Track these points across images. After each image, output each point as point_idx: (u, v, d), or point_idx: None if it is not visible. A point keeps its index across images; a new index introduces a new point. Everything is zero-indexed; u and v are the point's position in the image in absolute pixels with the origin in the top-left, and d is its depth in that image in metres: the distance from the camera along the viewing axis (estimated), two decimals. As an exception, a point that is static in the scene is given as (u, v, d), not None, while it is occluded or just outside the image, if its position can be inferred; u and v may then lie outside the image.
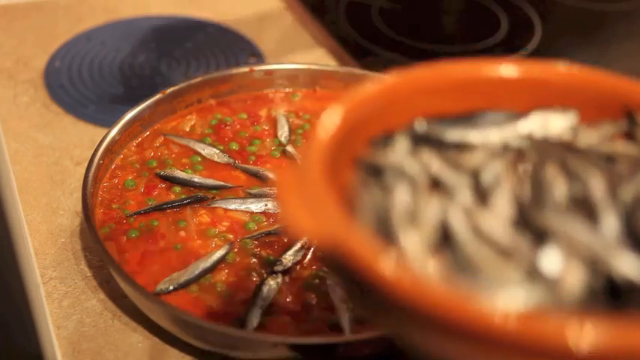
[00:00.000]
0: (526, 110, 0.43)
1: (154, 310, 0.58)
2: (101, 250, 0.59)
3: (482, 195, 0.38)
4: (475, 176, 0.39)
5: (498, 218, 0.36)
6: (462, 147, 0.41)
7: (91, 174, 0.65)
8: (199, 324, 0.55)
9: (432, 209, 0.37)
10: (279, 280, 0.60)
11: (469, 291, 0.33)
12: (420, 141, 0.41)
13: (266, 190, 0.68)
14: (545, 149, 0.41)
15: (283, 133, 0.75)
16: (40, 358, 0.69)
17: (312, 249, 0.63)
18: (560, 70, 0.45)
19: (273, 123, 0.77)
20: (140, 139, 0.73)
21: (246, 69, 0.79)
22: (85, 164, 0.66)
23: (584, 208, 0.37)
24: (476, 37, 1.00)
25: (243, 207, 0.66)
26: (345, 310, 0.57)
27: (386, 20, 1.02)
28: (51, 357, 0.61)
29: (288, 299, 0.59)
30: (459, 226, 0.36)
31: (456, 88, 0.44)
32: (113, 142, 0.69)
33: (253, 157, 0.72)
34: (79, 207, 0.66)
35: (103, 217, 0.65)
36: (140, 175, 0.69)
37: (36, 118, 0.82)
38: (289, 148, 0.73)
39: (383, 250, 0.34)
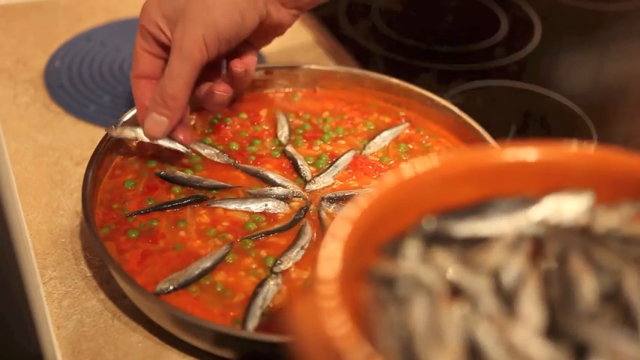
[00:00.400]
0: (539, 195, 0.41)
1: (154, 310, 0.58)
2: (101, 250, 0.59)
3: (506, 298, 0.36)
4: (495, 276, 0.37)
5: (529, 329, 0.35)
6: (476, 242, 0.40)
7: (91, 174, 0.65)
8: (199, 324, 0.55)
9: (456, 325, 0.35)
10: (279, 280, 0.60)
11: None
12: (431, 240, 0.40)
13: (266, 190, 0.68)
14: (564, 238, 0.39)
15: (283, 133, 0.75)
16: (40, 358, 0.69)
17: (312, 249, 0.63)
18: (572, 151, 0.43)
19: (273, 123, 0.77)
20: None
21: (246, 69, 0.79)
22: (85, 164, 0.66)
23: (616, 305, 0.35)
24: (476, 37, 1.00)
25: (243, 207, 0.66)
26: (345, 310, 0.57)
27: (386, 20, 1.02)
28: (51, 357, 0.61)
29: (288, 299, 0.59)
30: (489, 343, 0.34)
31: (462, 179, 0.43)
32: (113, 142, 0.69)
33: (253, 157, 0.72)
34: (79, 207, 0.66)
35: (103, 217, 0.65)
36: (140, 175, 0.69)
37: (36, 118, 0.82)
38: (289, 148, 0.73)
39: None
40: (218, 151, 0.72)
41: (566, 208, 0.41)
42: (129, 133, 0.68)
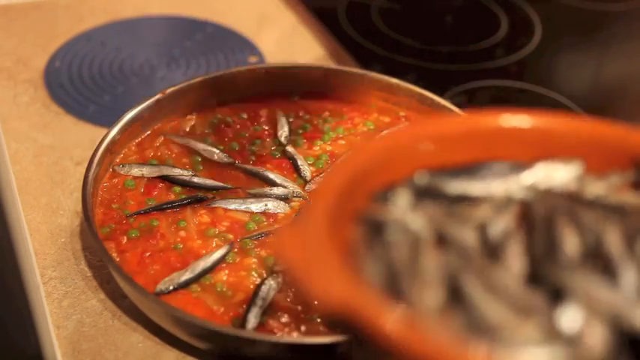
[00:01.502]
0: (530, 161, 0.42)
1: (154, 310, 0.58)
2: (101, 250, 0.59)
3: (490, 250, 0.37)
4: (482, 230, 0.38)
5: (511, 274, 0.36)
6: (465, 200, 0.40)
7: (91, 174, 0.65)
8: (199, 324, 0.55)
9: (438, 266, 0.36)
10: (279, 280, 0.60)
11: (485, 350, 0.32)
12: (422, 194, 0.41)
13: (266, 190, 0.68)
14: (552, 201, 0.40)
15: (283, 133, 0.75)
16: (40, 358, 0.69)
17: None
18: (565, 120, 0.44)
19: (273, 123, 0.77)
20: (140, 139, 0.73)
21: (246, 69, 0.79)
22: (85, 164, 0.66)
23: (598, 262, 0.36)
24: (476, 37, 1.00)
25: (243, 207, 0.66)
26: (345, 310, 0.57)
27: (386, 20, 1.02)
28: (51, 357, 0.61)
29: (288, 299, 0.59)
30: (471, 283, 0.35)
31: (457, 140, 0.43)
32: (113, 142, 0.69)
33: (253, 157, 0.72)
34: (79, 207, 0.66)
35: (103, 217, 0.65)
36: (140, 175, 0.69)
37: (36, 118, 0.82)
38: (289, 148, 0.73)
39: (392, 309, 0.33)
40: (218, 151, 0.72)
41: (556, 175, 0.42)
42: (136, 172, 0.69)
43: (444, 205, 0.40)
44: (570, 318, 0.33)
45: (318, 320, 0.57)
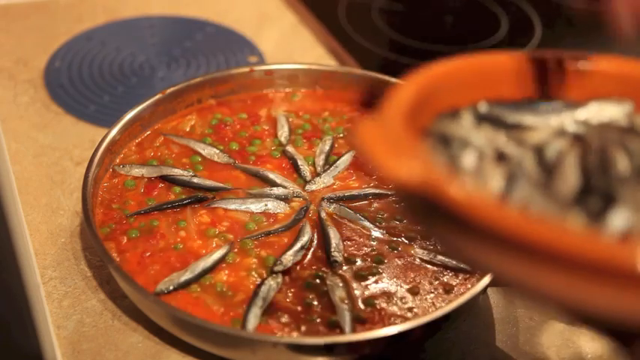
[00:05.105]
0: (583, 100, 0.45)
1: (153, 310, 0.58)
2: (101, 250, 0.59)
3: (547, 170, 0.40)
4: (539, 152, 0.41)
5: (566, 184, 0.39)
6: (522, 128, 0.44)
7: (91, 174, 0.65)
8: (199, 324, 0.55)
9: (499, 173, 0.39)
10: (279, 280, 0.60)
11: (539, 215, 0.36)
12: (482, 120, 0.44)
13: (266, 190, 0.68)
14: (604, 133, 0.42)
15: (283, 133, 0.75)
16: (40, 358, 0.69)
17: (312, 249, 0.63)
18: (615, 61, 0.47)
19: (273, 123, 0.77)
20: (140, 139, 0.73)
21: (246, 69, 0.79)
22: (85, 164, 0.66)
23: None
24: (476, 37, 1.00)
25: (243, 207, 0.66)
26: (345, 310, 0.57)
27: (386, 20, 1.02)
28: (51, 357, 0.61)
29: (288, 299, 0.59)
30: (526, 186, 0.38)
31: (517, 76, 0.46)
32: (113, 142, 0.69)
33: (253, 157, 0.72)
34: (79, 207, 0.66)
35: (103, 217, 0.65)
36: (140, 175, 0.69)
37: (36, 118, 0.82)
38: (289, 148, 0.73)
39: (462, 182, 0.38)
40: (218, 151, 0.72)
41: (608, 112, 0.44)
42: (136, 172, 0.69)
43: (503, 131, 0.43)
44: (620, 218, 0.36)
45: (318, 320, 0.57)
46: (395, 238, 0.64)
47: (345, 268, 0.61)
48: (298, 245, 0.62)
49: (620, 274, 0.32)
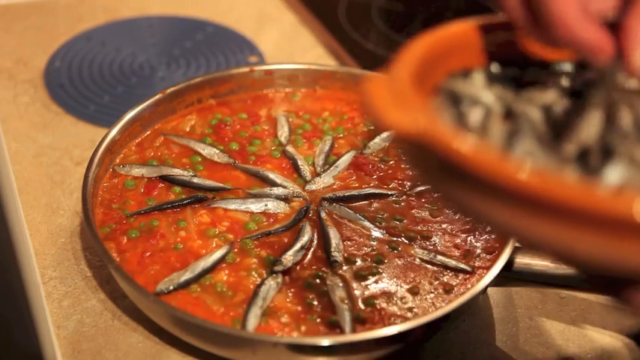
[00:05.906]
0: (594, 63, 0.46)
1: (153, 310, 0.58)
2: (101, 250, 0.59)
3: (554, 127, 0.41)
4: (547, 111, 0.42)
5: (570, 142, 0.40)
6: (532, 89, 0.44)
7: (91, 174, 0.65)
8: (199, 324, 0.55)
9: (504, 130, 0.40)
10: (279, 280, 0.60)
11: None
12: (494, 80, 0.45)
13: (266, 190, 0.68)
14: (613, 92, 0.43)
15: (283, 133, 0.75)
16: (40, 358, 0.69)
17: (312, 249, 0.63)
18: None
19: (273, 123, 0.77)
20: (140, 139, 0.73)
21: (246, 69, 0.79)
22: (85, 164, 0.66)
23: None
24: (476, 37, 1.00)
25: (243, 207, 0.66)
26: (345, 310, 0.57)
27: (386, 20, 1.02)
28: (51, 357, 0.61)
29: (288, 299, 0.59)
30: (529, 141, 0.40)
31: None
32: (113, 142, 0.69)
33: (253, 157, 0.72)
34: (79, 207, 0.66)
35: (103, 217, 0.65)
36: (140, 175, 0.69)
37: (36, 118, 0.82)
38: (289, 148, 0.73)
39: (466, 136, 0.39)
40: (218, 151, 0.72)
41: (619, 75, 0.45)
42: (136, 172, 0.69)
43: (514, 91, 0.44)
44: (616, 172, 0.38)
45: (318, 320, 0.57)
46: (395, 238, 0.64)
47: (345, 268, 0.61)
48: (298, 245, 0.62)
49: (618, 223, 0.33)
